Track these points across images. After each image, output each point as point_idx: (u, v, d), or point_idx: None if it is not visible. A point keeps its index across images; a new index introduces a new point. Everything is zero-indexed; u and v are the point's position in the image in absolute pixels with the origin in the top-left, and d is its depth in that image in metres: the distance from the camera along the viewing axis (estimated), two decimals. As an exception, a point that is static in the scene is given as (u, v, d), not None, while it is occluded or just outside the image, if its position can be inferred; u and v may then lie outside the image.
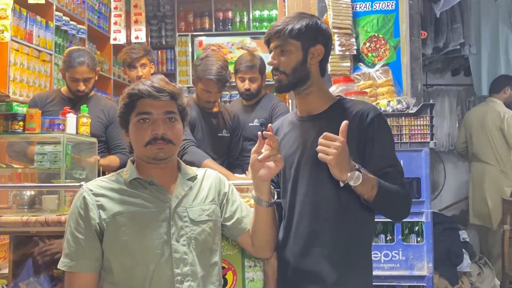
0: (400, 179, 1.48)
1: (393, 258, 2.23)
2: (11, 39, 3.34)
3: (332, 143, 1.36)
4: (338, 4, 2.57)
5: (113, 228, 1.38)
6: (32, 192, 2.22)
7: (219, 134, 2.77)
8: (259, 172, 1.44)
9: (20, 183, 2.36)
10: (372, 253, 2.19)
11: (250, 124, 2.92)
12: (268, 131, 1.44)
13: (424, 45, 4.36)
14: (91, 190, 1.41)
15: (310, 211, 1.49)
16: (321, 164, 1.46)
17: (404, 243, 2.25)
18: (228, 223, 1.54)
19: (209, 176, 1.57)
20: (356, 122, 1.48)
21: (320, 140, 1.38)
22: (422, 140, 2.28)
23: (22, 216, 1.93)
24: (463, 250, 3.22)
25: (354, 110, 1.51)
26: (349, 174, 1.36)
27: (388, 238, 2.26)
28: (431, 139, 2.27)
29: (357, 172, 1.36)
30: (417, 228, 2.29)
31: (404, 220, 2.24)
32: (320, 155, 1.38)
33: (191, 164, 2.48)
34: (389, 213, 1.53)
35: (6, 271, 2.06)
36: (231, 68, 2.83)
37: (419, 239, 2.27)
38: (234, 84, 3.02)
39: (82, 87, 2.69)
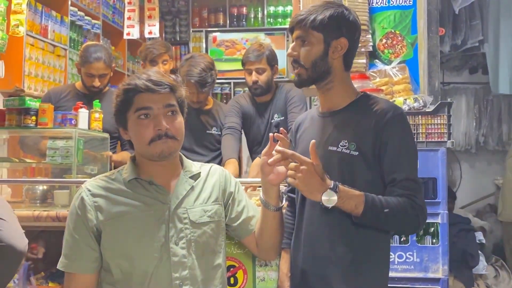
0: (409, 189, 1.37)
1: (407, 260, 2.18)
2: (26, 34, 3.36)
3: (300, 166, 1.28)
4: (354, 0, 2.52)
5: (111, 230, 1.34)
6: (45, 187, 2.23)
7: (207, 132, 2.73)
8: (268, 176, 1.39)
9: (32, 178, 2.37)
10: (386, 254, 2.18)
11: (271, 121, 2.76)
12: (281, 133, 1.39)
13: (442, 42, 4.28)
14: (89, 190, 1.38)
15: (319, 214, 1.43)
16: (332, 165, 1.42)
17: (419, 244, 2.19)
18: (234, 224, 1.50)
19: (214, 174, 1.50)
20: (373, 121, 1.41)
21: (290, 164, 1.31)
22: (439, 140, 2.21)
23: (34, 210, 1.94)
24: (479, 252, 3.15)
25: (374, 108, 1.44)
26: (322, 196, 1.28)
27: (402, 239, 2.21)
28: (448, 139, 2.21)
29: (330, 192, 1.28)
30: (432, 229, 2.24)
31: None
32: (288, 179, 1.32)
33: None
34: (387, 229, 1.44)
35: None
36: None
37: (434, 240, 2.21)
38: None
39: (97, 83, 2.69)
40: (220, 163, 2.79)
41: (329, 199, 1.28)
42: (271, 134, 1.42)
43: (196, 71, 2.57)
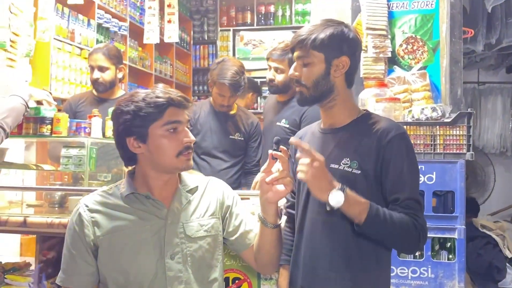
0: (412, 208, 1.35)
1: (421, 275, 2.11)
2: (54, 38, 3.45)
3: (312, 163, 1.27)
4: (373, 4, 2.44)
5: (107, 245, 1.36)
6: (62, 192, 2.29)
7: (230, 137, 2.74)
8: (267, 193, 1.38)
9: (48, 183, 2.44)
10: (399, 268, 2.12)
11: (277, 124, 2.73)
12: (281, 151, 1.38)
13: (474, 42, 4.09)
14: (87, 206, 1.40)
15: (320, 230, 1.42)
16: None
17: (434, 260, 2.12)
18: (231, 238, 1.50)
19: (211, 188, 1.51)
20: (375, 140, 1.39)
21: (302, 159, 1.29)
22: (458, 151, 2.12)
23: (47, 218, 1.99)
24: (508, 264, 3.02)
25: (376, 127, 1.41)
26: (329, 195, 1.26)
27: (416, 254, 2.14)
28: (468, 150, 2.11)
29: (338, 192, 1.26)
30: (449, 244, 2.15)
31: (435, 235, 2.13)
32: (298, 174, 1.30)
33: None
34: (387, 244, 1.41)
35: (33, 267, 2.15)
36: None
37: (450, 256, 2.13)
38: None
39: (96, 74, 2.70)
40: (240, 169, 2.80)
41: (336, 199, 1.26)
42: (270, 151, 1.40)
43: (230, 73, 2.59)
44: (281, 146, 1.40)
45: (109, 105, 2.54)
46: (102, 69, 2.72)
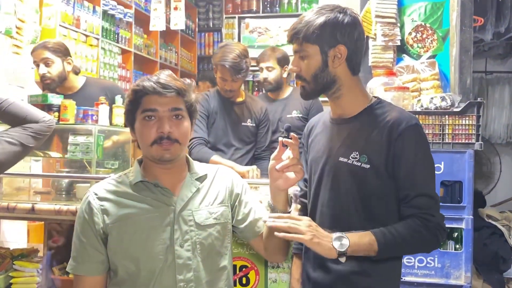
0: (424, 207, 1.31)
1: (427, 265, 2.11)
2: (59, 25, 3.44)
3: (302, 223, 1.27)
4: (382, -9, 2.41)
5: (117, 233, 1.37)
6: (70, 179, 2.30)
7: (243, 124, 2.74)
8: (277, 181, 1.37)
9: (56, 171, 2.45)
10: (406, 258, 2.12)
11: (288, 116, 2.91)
12: (291, 138, 1.36)
13: (483, 30, 4.05)
14: (96, 194, 1.40)
15: (328, 224, 1.39)
16: (342, 177, 1.38)
17: (441, 249, 2.11)
18: (241, 226, 1.50)
19: (220, 176, 1.51)
20: (386, 133, 1.34)
21: (287, 221, 1.28)
22: (467, 141, 2.11)
23: (55, 204, 1.99)
24: (513, 254, 3.02)
25: (387, 118, 1.36)
26: (334, 244, 1.27)
27: (423, 244, 2.14)
28: (477, 140, 2.10)
29: (340, 237, 1.27)
30: (456, 234, 2.15)
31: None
32: (292, 235, 1.28)
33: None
34: (406, 254, 1.42)
35: (41, 253, 2.17)
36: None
37: (457, 246, 2.13)
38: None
39: (42, 69, 2.55)
40: (253, 156, 2.82)
41: (341, 243, 1.27)
42: (280, 138, 1.39)
43: (231, 56, 2.58)
44: (292, 133, 1.38)
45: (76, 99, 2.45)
46: (47, 63, 2.58)
